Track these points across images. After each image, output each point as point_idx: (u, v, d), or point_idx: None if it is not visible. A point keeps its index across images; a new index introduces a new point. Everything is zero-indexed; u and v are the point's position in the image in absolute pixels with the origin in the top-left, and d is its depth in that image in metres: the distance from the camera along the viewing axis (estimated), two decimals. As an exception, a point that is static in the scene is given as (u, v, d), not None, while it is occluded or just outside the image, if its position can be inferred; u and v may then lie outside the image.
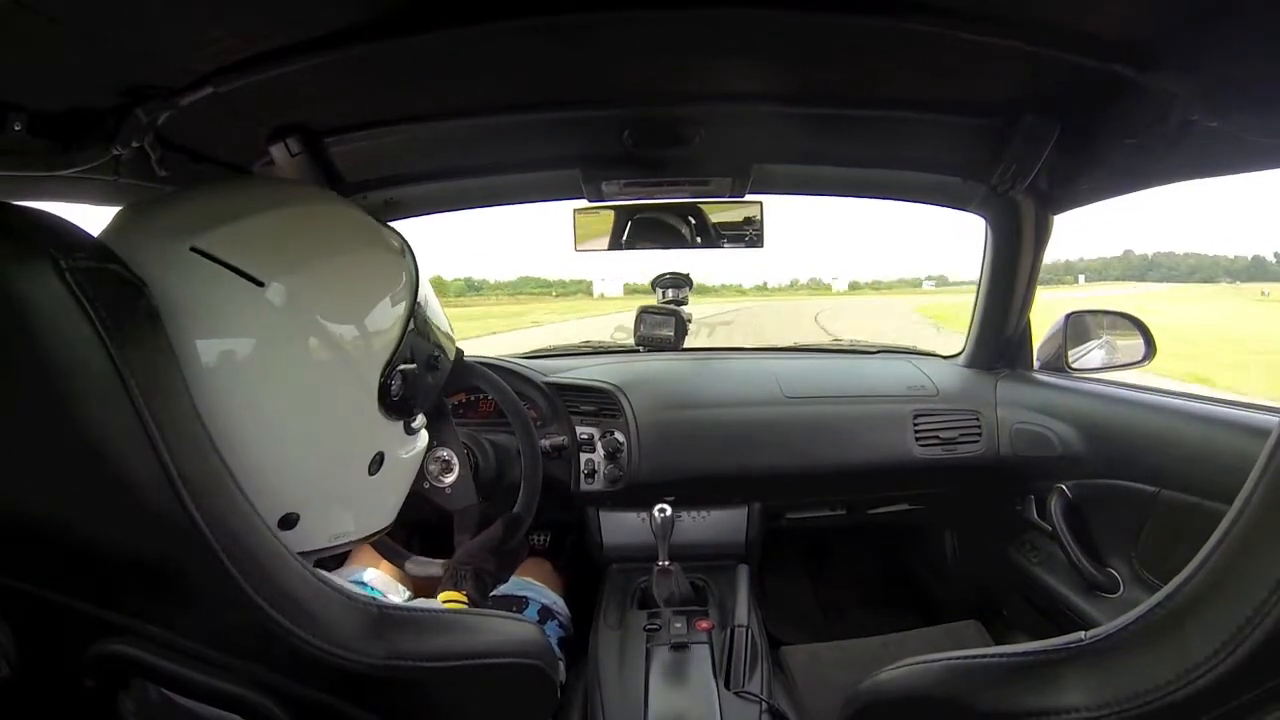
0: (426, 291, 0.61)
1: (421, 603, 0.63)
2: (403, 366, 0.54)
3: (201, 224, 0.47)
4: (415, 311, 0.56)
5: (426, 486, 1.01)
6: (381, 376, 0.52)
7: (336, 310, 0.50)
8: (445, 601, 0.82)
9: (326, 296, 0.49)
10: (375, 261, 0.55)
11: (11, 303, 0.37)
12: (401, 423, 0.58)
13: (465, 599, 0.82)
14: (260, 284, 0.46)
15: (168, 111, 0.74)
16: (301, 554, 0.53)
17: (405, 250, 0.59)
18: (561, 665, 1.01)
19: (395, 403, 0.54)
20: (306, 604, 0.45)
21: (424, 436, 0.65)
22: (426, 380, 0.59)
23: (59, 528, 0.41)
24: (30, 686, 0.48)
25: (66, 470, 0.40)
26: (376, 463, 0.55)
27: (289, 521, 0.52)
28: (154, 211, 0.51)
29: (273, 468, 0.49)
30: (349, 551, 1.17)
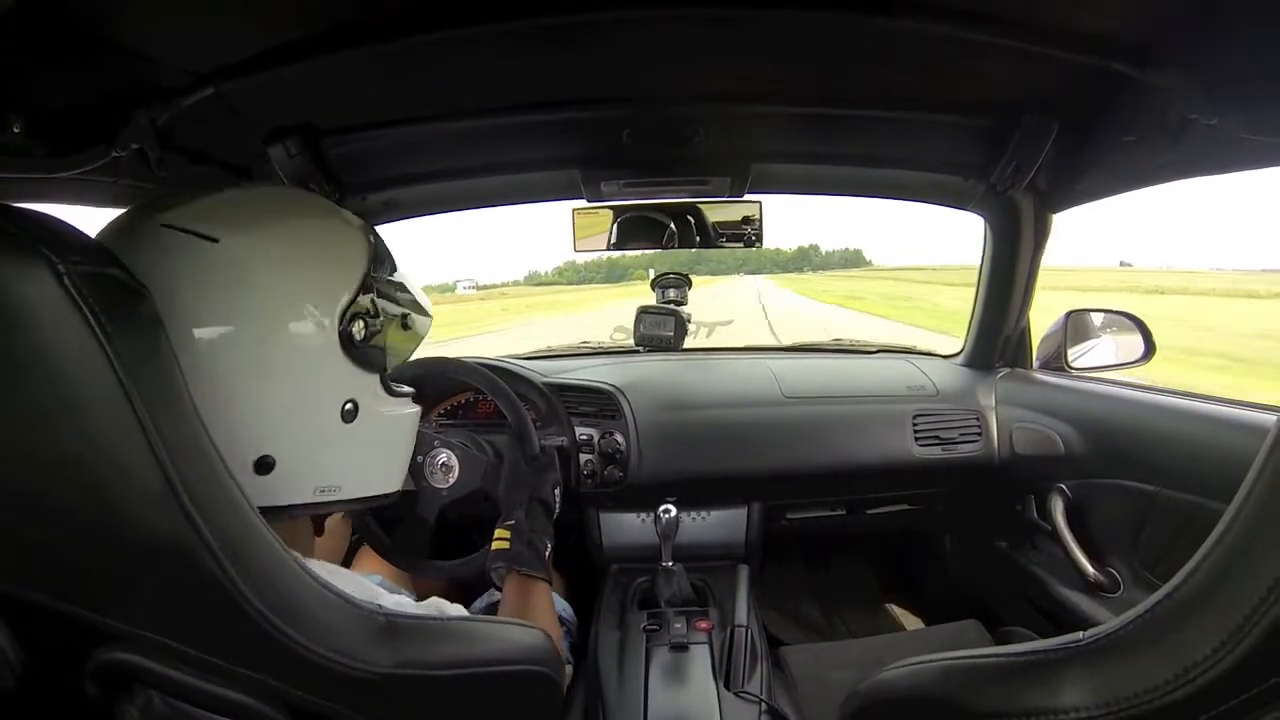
0: (403, 271, 0.65)
1: (428, 606, 0.63)
2: (367, 318, 0.58)
3: (171, 205, 0.53)
4: (375, 271, 0.60)
5: (445, 494, 1.03)
6: (340, 322, 0.56)
7: (289, 261, 0.54)
8: (497, 537, 0.90)
9: (279, 249, 0.54)
10: (329, 227, 0.60)
11: (9, 307, 0.36)
12: (377, 377, 0.60)
13: (509, 532, 0.88)
14: (215, 240, 0.50)
15: (168, 113, 0.74)
16: (293, 506, 0.55)
17: (365, 229, 0.63)
18: (570, 669, 1.02)
19: (359, 350, 0.57)
20: (311, 612, 0.45)
21: (412, 407, 0.67)
22: (397, 334, 0.64)
23: (60, 535, 0.41)
24: (34, 694, 0.48)
25: (67, 477, 0.39)
26: (351, 412, 0.57)
27: (266, 465, 0.53)
28: (141, 208, 0.55)
29: (244, 409, 0.51)
30: (354, 555, 1.17)
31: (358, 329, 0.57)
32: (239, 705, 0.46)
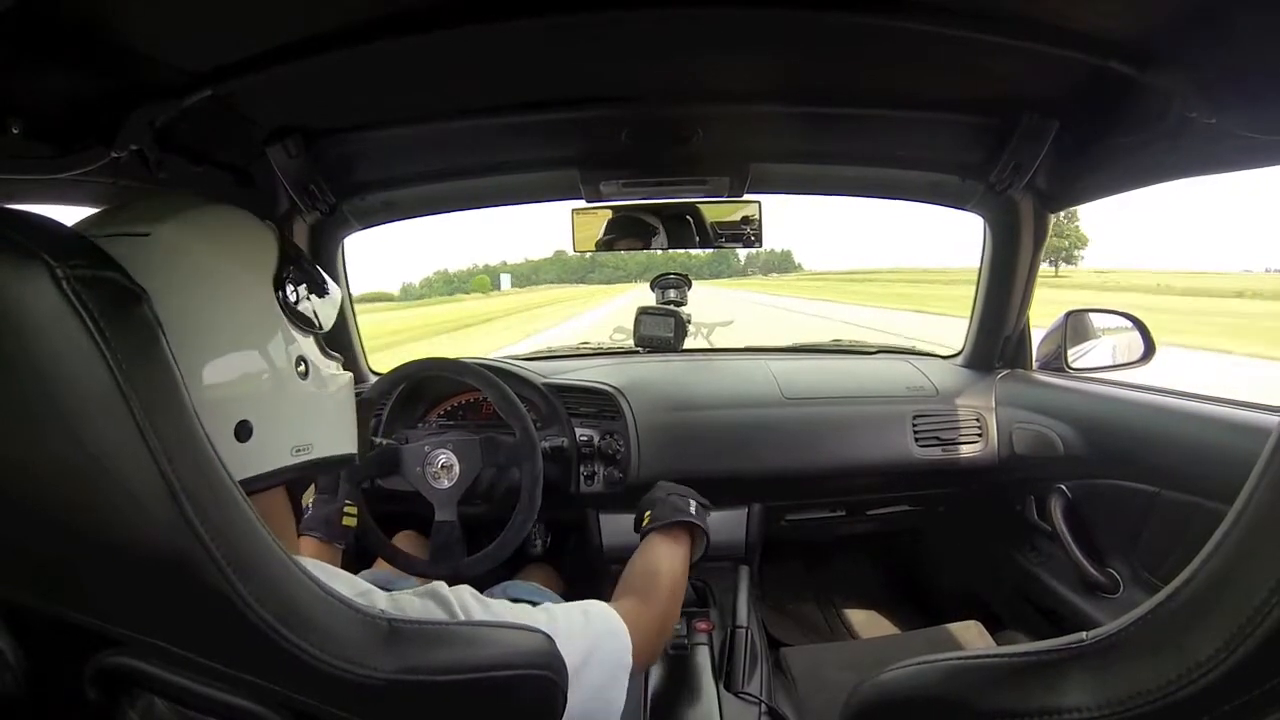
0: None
1: (456, 592, 0.63)
2: (292, 281, 0.62)
3: (100, 221, 0.55)
4: (287, 250, 0.64)
5: (454, 490, 1.06)
6: (275, 287, 0.60)
7: (219, 237, 0.57)
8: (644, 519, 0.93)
9: (205, 228, 0.57)
10: (239, 216, 0.63)
11: (6, 312, 0.36)
12: (313, 338, 0.64)
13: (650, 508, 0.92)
14: (145, 234, 0.53)
15: (167, 113, 0.74)
16: (276, 472, 0.56)
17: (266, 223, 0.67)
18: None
19: (297, 310, 0.61)
20: (314, 618, 0.45)
21: (347, 373, 0.70)
22: (318, 300, 0.68)
23: (60, 542, 0.40)
24: (37, 699, 0.48)
25: (66, 484, 0.39)
26: (305, 372, 0.61)
27: (246, 430, 0.54)
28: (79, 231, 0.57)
29: (215, 378, 0.53)
30: (372, 560, 1.17)
31: (289, 291, 0.61)
32: (242, 710, 0.46)
